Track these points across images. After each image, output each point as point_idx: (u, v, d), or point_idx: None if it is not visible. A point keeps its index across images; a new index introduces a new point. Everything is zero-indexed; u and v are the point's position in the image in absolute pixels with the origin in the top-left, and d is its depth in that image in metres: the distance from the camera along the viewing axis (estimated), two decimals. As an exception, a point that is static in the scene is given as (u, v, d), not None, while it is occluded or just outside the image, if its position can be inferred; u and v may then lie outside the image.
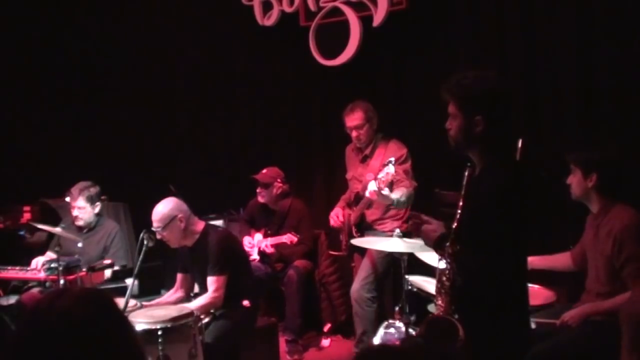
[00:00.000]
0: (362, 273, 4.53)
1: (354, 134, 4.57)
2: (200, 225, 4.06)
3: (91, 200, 4.67)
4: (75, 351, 1.43)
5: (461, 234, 2.45)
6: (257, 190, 5.25)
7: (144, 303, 3.97)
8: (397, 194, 4.21)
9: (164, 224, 3.88)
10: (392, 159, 3.98)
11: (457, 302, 2.42)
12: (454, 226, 2.47)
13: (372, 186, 4.06)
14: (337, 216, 4.73)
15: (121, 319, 1.55)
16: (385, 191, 4.01)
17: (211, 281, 3.90)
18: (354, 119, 4.54)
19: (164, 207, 3.94)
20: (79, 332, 1.44)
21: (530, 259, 3.46)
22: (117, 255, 4.61)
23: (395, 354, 1.55)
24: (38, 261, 4.49)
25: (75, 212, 4.66)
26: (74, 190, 4.66)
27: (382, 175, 3.92)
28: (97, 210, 4.72)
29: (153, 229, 3.90)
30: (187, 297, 4.16)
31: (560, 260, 3.63)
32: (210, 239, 3.99)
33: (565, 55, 4.38)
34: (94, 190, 4.70)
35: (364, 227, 4.60)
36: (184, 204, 4.03)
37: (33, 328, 1.47)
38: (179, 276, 4.20)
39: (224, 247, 3.99)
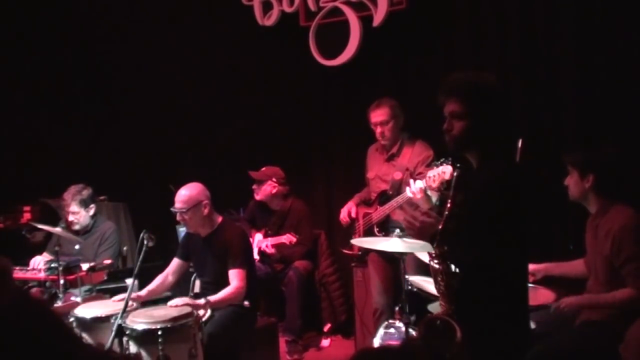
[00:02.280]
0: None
1: (378, 129, 4.41)
2: (219, 217, 4.13)
3: (84, 204, 4.64)
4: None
5: (447, 235, 2.38)
6: (252, 187, 5.27)
7: (138, 294, 3.97)
8: (434, 197, 3.98)
9: (189, 206, 3.95)
10: (450, 158, 3.61)
11: (455, 303, 2.41)
12: (439, 227, 2.39)
13: (419, 184, 3.89)
14: (349, 211, 4.58)
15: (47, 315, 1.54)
16: (429, 191, 3.79)
17: (234, 273, 3.94)
18: (378, 115, 4.40)
19: (192, 190, 4.01)
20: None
21: (545, 265, 3.49)
22: (105, 253, 4.58)
23: (395, 354, 1.56)
24: (35, 261, 4.49)
25: (70, 218, 4.64)
26: (66, 195, 4.64)
27: (434, 174, 3.70)
28: (91, 212, 4.69)
29: (175, 209, 3.97)
30: (177, 284, 4.21)
31: (575, 267, 3.60)
32: (230, 233, 4.05)
33: (565, 56, 4.39)
34: (86, 192, 4.66)
35: (390, 227, 4.33)
36: (208, 191, 4.08)
37: None
38: (176, 261, 4.22)
39: (246, 243, 4.11)
